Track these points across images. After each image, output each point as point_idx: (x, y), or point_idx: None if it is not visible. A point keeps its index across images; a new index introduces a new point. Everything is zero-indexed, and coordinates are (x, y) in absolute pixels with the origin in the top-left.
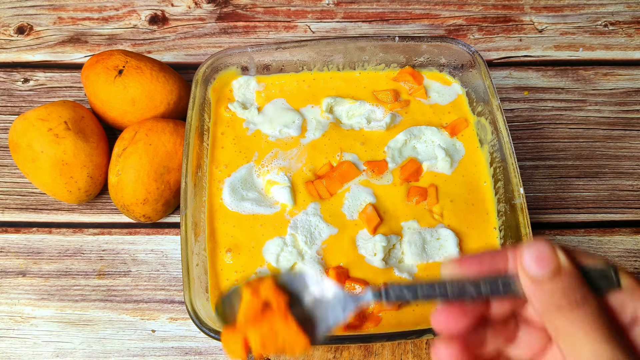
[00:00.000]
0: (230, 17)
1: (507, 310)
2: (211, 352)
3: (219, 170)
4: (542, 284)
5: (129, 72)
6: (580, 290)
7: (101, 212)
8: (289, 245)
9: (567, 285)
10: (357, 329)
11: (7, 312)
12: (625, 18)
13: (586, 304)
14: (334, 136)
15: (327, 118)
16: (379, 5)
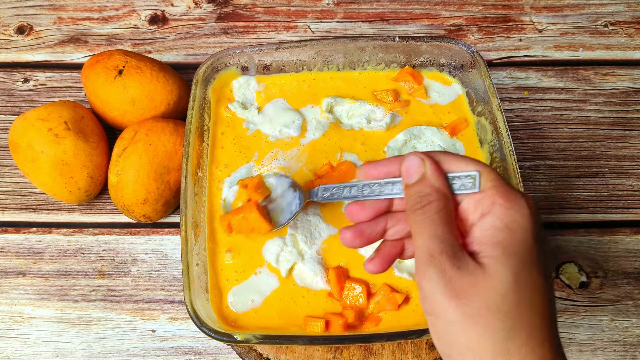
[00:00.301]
0: (230, 17)
1: None
2: (211, 352)
3: (219, 170)
4: (409, 188)
5: (129, 72)
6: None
7: (101, 212)
8: (289, 245)
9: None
10: (357, 329)
11: (7, 312)
12: (625, 18)
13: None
14: (334, 136)
15: (327, 118)
16: (379, 5)
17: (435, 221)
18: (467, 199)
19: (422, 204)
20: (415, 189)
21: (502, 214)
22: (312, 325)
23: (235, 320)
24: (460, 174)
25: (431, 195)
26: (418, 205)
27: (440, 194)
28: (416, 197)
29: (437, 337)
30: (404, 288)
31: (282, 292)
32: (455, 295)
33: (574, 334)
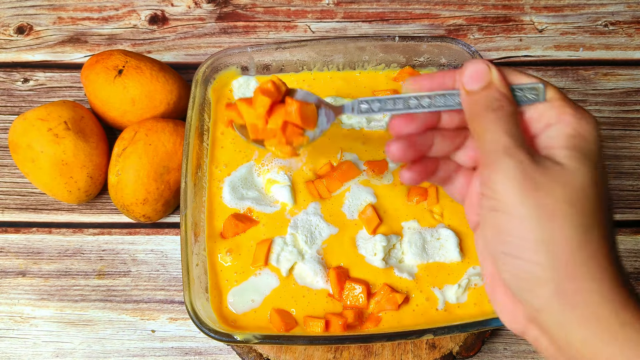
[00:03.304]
0: (230, 17)
1: (456, 122)
2: (211, 352)
3: (219, 170)
4: (473, 94)
5: (128, 72)
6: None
7: (101, 212)
8: (289, 244)
9: (490, 95)
10: (357, 329)
11: (7, 312)
12: (625, 18)
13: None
14: (334, 136)
15: None
16: (379, 5)
17: (507, 120)
18: (530, 110)
19: (493, 107)
20: (483, 95)
21: (573, 122)
22: (312, 325)
23: (235, 320)
24: (523, 86)
25: (501, 100)
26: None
27: (510, 100)
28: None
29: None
30: (404, 288)
31: (282, 292)
32: (534, 188)
33: None
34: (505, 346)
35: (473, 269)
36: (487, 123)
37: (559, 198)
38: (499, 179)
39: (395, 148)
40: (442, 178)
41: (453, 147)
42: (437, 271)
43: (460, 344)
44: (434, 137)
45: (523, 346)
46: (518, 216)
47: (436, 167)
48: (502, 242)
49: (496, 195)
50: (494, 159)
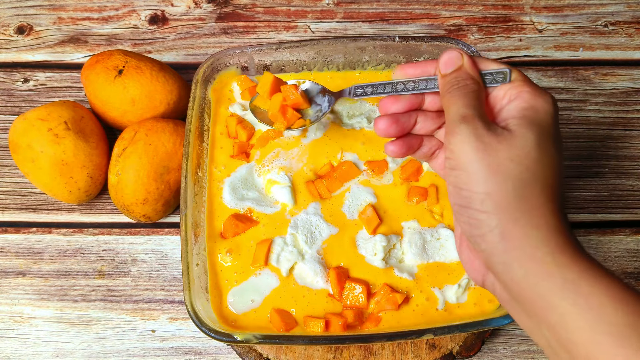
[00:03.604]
0: (230, 17)
1: (438, 104)
2: (211, 352)
3: (218, 171)
4: (446, 77)
5: (128, 72)
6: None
7: (101, 212)
8: (290, 244)
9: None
10: (357, 329)
11: (7, 312)
12: (625, 18)
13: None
14: (334, 136)
15: (327, 118)
16: (379, 5)
17: (469, 96)
18: (496, 90)
19: (459, 85)
20: (452, 75)
21: (528, 98)
22: (312, 325)
23: (235, 320)
24: (492, 71)
25: (467, 80)
26: (455, 85)
27: (475, 80)
28: (453, 80)
29: (456, 190)
30: (404, 288)
31: (282, 292)
32: (483, 148)
33: None
34: (505, 346)
35: None
36: (452, 98)
37: (503, 156)
38: (456, 141)
39: (382, 123)
40: (426, 154)
41: (435, 126)
42: (437, 271)
43: (460, 344)
44: (417, 117)
45: (523, 346)
46: (470, 172)
47: (419, 143)
48: (458, 195)
49: (454, 156)
50: (454, 125)
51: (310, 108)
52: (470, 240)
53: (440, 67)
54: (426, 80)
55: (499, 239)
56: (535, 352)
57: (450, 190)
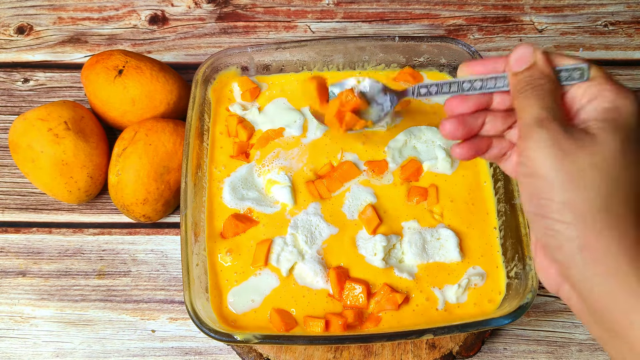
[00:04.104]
0: (230, 17)
1: (507, 103)
2: (211, 352)
3: (218, 171)
4: (518, 75)
5: (128, 72)
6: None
7: (101, 212)
8: (290, 244)
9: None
10: (357, 329)
11: (7, 312)
12: (625, 18)
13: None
14: (334, 136)
15: None
16: (379, 5)
17: (545, 97)
18: (573, 88)
19: (533, 85)
20: (525, 74)
21: (611, 97)
22: (312, 325)
23: (235, 320)
24: (568, 67)
25: (542, 79)
26: (529, 85)
27: (550, 78)
28: (527, 80)
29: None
30: (404, 288)
31: (282, 292)
32: (562, 155)
33: (574, 334)
34: (505, 346)
35: (473, 269)
36: (526, 99)
37: (585, 163)
38: (532, 147)
39: (449, 125)
40: (496, 155)
41: (505, 127)
42: (437, 271)
43: (460, 344)
44: (485, 117)
45: (523, 346)
46: (547, 180)
47: (488, 145)
48: (534, 204)
49: (529, 162)
50: (529, 130)
51: (371, 108)
52: (546, 249)
53: (511, 65)
54: (495, 78)
55: (578, 251)
56: (535, 352)
57: (524, 197)
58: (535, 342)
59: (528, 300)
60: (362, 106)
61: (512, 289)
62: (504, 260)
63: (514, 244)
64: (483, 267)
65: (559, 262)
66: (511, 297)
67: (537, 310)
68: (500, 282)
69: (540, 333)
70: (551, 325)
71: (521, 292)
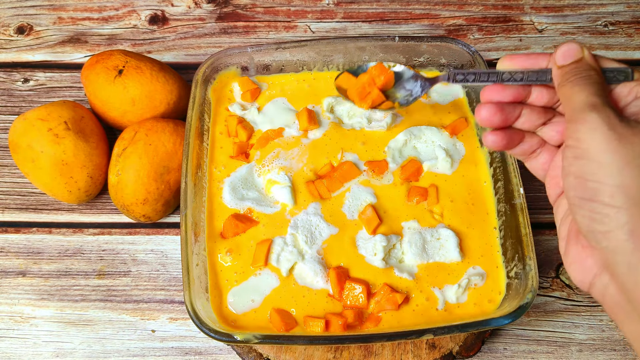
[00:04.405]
0: (230, 17)
1: (545, 99)
2: (211, 352)
3: (218, 171)
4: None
5: (128, 72)
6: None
7: (101, 212)
8: (290, 244)
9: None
10: (357, 329)
11: (7, 312)
12: (625, 18)
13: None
14: (335, 136)
15: (328, 118)
16: (379, 5)
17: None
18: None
19: (582, 75)
20: (572, 66)
21: None
22: (312, 325)
23: (235, 320)
24: (612, 68)
25: (590, 71)
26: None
27: (598, 72)
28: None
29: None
30: (404, 288)
31: (282, 292)
32: (618, 138)
33: (574, 334)
34: (505, 346)
35: (473, 269)
36: (576, 86)
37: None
38: (584, 129)
39: (485, 110)
40: (526, 151)
41: (540, 122)
42: (437, 271)
43: (460, 344)
44: (522, 110)
45: (523, 346)
46: (600, 162)
47: (521, 139)
48: (582, 187)
49: (580, 144)
50: (581, 113)
51: (398, 92)
52: (589, 236)
53: (557, 58)
54: (536, 72)
55: (628, 237)
56: (535, 352)
57: (570, 181)
58: (535, 342)
59: (528, 300)
60: (389, 86)
61: (512, 289)
62: (504, 260)
63: (514, 244)
64: (483, 267)
65: (604, 250)
66: (511, 297)
67: (537, 310)
68: (500, 282)
69: (540, 333)
70: (551, 325)
71: (521, 292)
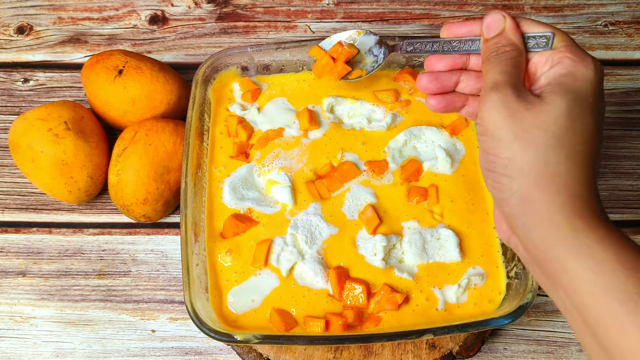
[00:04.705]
0: (230, 17)
1: None
2: (211, 352)
3: (218, 171)
4: (488, 42)
5: (128, 72)
6: (505, 46)
7: (101, 212)
8: (289, 244)
9: (499, 42)
10: (357, 329)
11: (7, 312)
12: (625, 18)
13: (503, 54)
14: (335, 136)
15: (328, 118)
16: (379, 5)
17: (506, 63)
18: (538, 55)
19: (498, 52)
20: (493, 41)
21: (569, 65)
22: (312, 325)
23: (235, 320)
24: (535, 34)
25: (507, 47)
26: (494, 53)
27: (515, 46)
28: (493, 47)
29: (484, 155)
30: (404, 288)
31: (282, 292)
32: (510, 115)
33: (574, 334)
34: (505, 346)
35: (473, 269)
36: (490, 64)
37: (529, 124)
38: (485, 108)
39: (423, 79)
40: (471, 113)
41: (479, 86)
42: (437, 271)
43: (460, 344)
44: (460, 76)
45: (523, 346)
46: (495, 138)
47: (463, 102)
48: (486, 160)
49: (483, 122)
50: (485, 93)
51: (367, 58)
52: (496, 203)
53: (483, 30)
54: (471, 40)
55: (519, 202)
56: (535, 352)
57: (480, 155)
58: (535, 342)
59: (528, 300)
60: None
61: (512, 289)
62: (504, 260)
63: None
64: (483, 267)
65: (506, 214)
66: (511, 297)
67: (537, 310)
68: (500, 282)
69: (540, 333)
70: (551, 325)
71: (521, 292)
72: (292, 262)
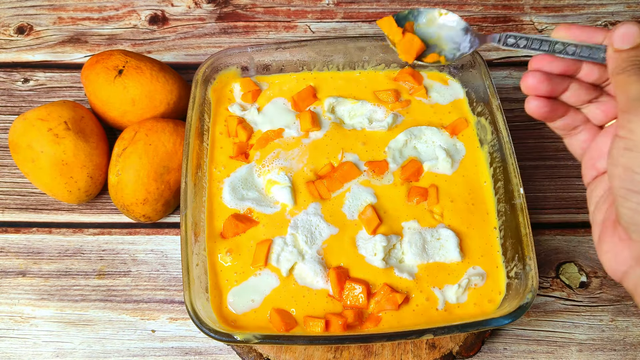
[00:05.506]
0: (230, 17)
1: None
2: (211, 352)
3: (218, 171)
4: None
5: (128, 72)
6: None
7: (101, 212)
8: (290, 244)
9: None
10: (357, 329)
11: (7, 312)
12: (625, 18)
13: None
14: (335, 136)
15: (329, 118)
16: (379, 5)
17: None
18: None
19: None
20: (630, 53)
21: None
22: (312, 325)
23: (235, 320)
24: None
25: None
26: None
27: None
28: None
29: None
30: (404, 288)
31: (282, 292)
32: None
33: (574, 334)
34: (505, 346)
35: (473, 269)
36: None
37: None
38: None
39: (533, 77)
40: (567, 126)
41: (587, 99)
42: (437, 271)
43: (460, 344)
44: (570, 84)
45: (523, 346)
46: None
47: (564, 112)
48: (630, 179)
49: (633, 136)
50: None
51: (446, 44)
52: (630, 228)
53: (614, 40)
54: (590, 47)
55: None
56: (535, 352)
57: (618, 171)
58: (535, 342)
59: (528, 300)
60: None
61: (512, 289)
62: (504, 260)
63: (514, 244)
64: (483, 267)
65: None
66: (511, 297)
67: (537, 310)
68: (500, 282)
69: (540, 333)
70: (551, 325)
71: (521, 292)
72: (292, 262)
